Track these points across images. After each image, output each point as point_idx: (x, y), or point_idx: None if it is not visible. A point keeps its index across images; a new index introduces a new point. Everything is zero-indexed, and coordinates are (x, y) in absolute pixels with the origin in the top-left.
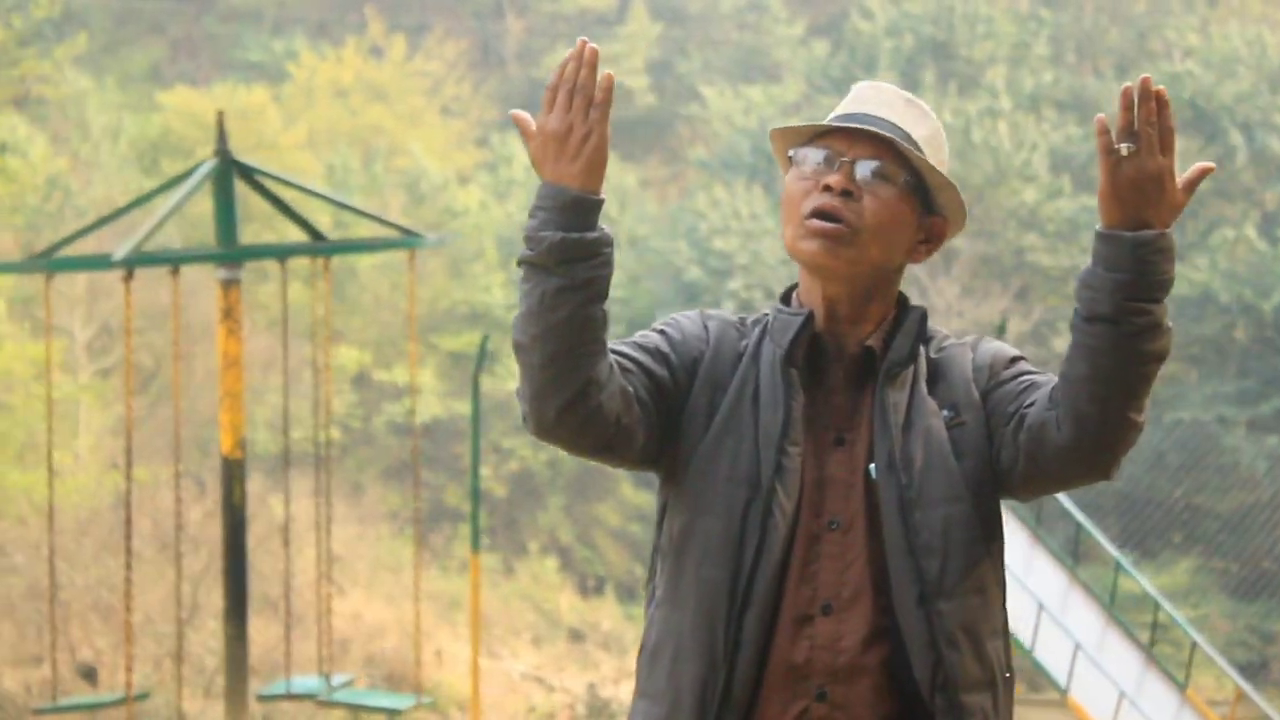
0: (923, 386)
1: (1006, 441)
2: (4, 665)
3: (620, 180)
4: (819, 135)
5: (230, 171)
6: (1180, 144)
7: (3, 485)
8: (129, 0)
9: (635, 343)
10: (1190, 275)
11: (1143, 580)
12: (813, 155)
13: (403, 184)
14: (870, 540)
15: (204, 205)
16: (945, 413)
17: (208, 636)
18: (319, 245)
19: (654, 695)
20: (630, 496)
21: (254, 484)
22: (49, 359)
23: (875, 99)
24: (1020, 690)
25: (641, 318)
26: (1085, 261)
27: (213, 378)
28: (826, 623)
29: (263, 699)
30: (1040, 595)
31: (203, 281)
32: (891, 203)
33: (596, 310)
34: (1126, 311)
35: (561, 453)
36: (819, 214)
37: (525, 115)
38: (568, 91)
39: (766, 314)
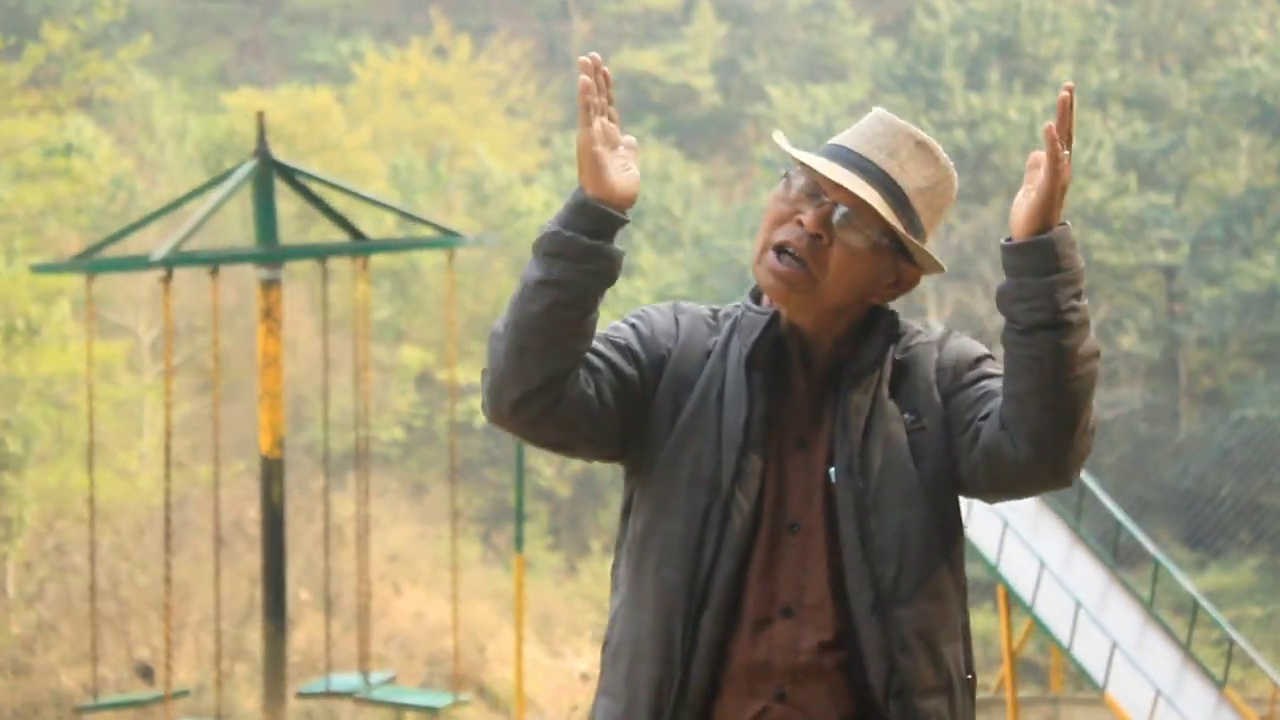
0: (885, 390)
1: (963, 453)
2: (63, 664)
3: (685, 179)
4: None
5: (270, 172)
6: (1248, 140)
7: (66, 485)
8: (195, 3)
9: (607, 337)
10: (1257, 272)
11: (1182, 579)
12: (802, 182)
13: (466, 184)
14: (831, 544)
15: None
16: (907, 417)
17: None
18: (358, 245)
19: (614, 693)
20: None
21: (318, 483)
22: (89, 359)
23: (883, 141)
24: (1063, 689)
25: None
26: (1151, 259)
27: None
28: (786, 625)
29: (301, 696)
30: (1079, 594)
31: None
32: (860, 254)
33: (572, 314)
34: (1065, 311)
35: None
36: (784, 249)
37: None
38: (587, 106)
39: (739, 307)
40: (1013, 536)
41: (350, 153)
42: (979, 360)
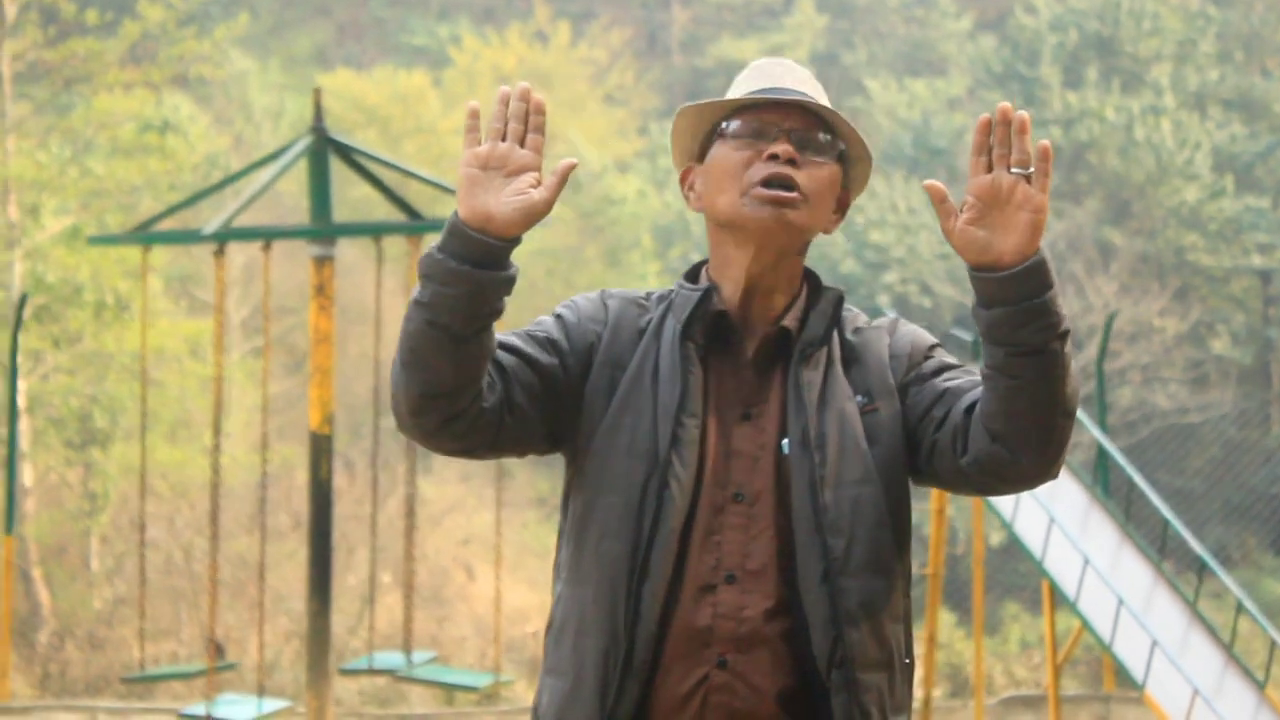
0: (839, 369)
1: (926, 446)
2: (138, 637)
3: None
4: (744, 109)
5: (325, 149)
6: None
7: (152, 461)
8: None
9: (527, 333)
10: None
11: (1226, 579)
12: (747, 126)
13: None
14: (778, 514)
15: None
16: (859, 398)
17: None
18: (412, 224)
19: (559, 671)
20: None
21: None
22: (144, 334)
23: (789, 75)
24: (1115, 687)
25: None
26: (1247, 263)
27: (366, 357)
28: (730, 591)
29: (345, 673)
30: (1123, 591)
31: (358, 261)
32: (827, 170)
33: (445, 335)
34: (1054, 333)
35: None
36: (771, 182)
37: None
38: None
39: (673, 290)
40: (1059, 533)
41: (444, 136)
42: (932, 350)
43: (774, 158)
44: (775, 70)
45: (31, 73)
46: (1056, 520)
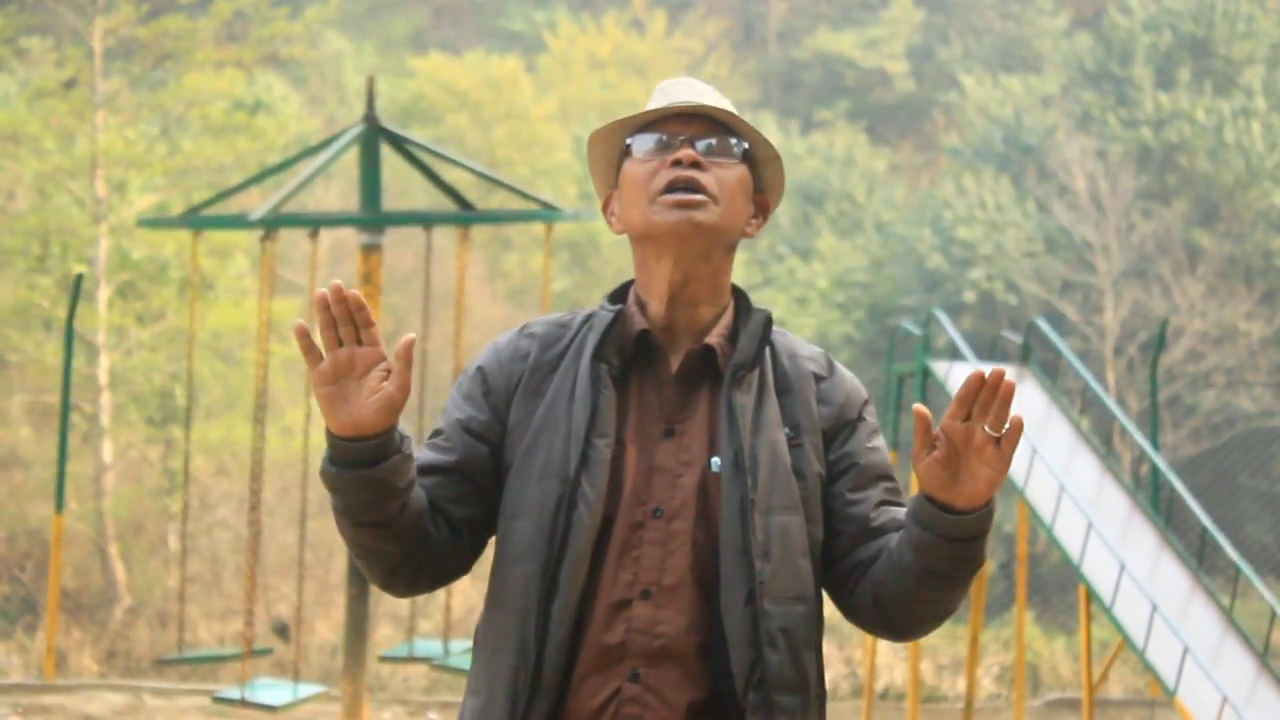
0: (772, 395)
1: (833, 581)
2: (205, 617)
3: (870, 164)
4: (649, 125)
5: (376, 137)
6: None
7: (229, 440)
8: None
9: (451, 433)
10: None
11: (1262, 587)
12: (650, 140)
13: None
14: (698, 531)
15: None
16: (787, 430)
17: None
18: (462, 214)
19: (476, 690)
20: None
21: None
22: (192, 316)
23: (689, 90)
24: (1160, 692)
25: (883, 304)
26: None
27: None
28: (645, 607)
29: (384, 659)
30: (1158, 598)
31: (446, 246)
32: (733, 172)
33: (371, 529)
34: (971, 569)
35: None
36: (676, 186)
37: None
38: (327, 326)
39: (598, 308)
40: (1096, 538)
41: (536, 122)
42: (863, 412)
43: (677, 164)
44: (676, 88)
45: (123, 49)
46: (1095, 525)
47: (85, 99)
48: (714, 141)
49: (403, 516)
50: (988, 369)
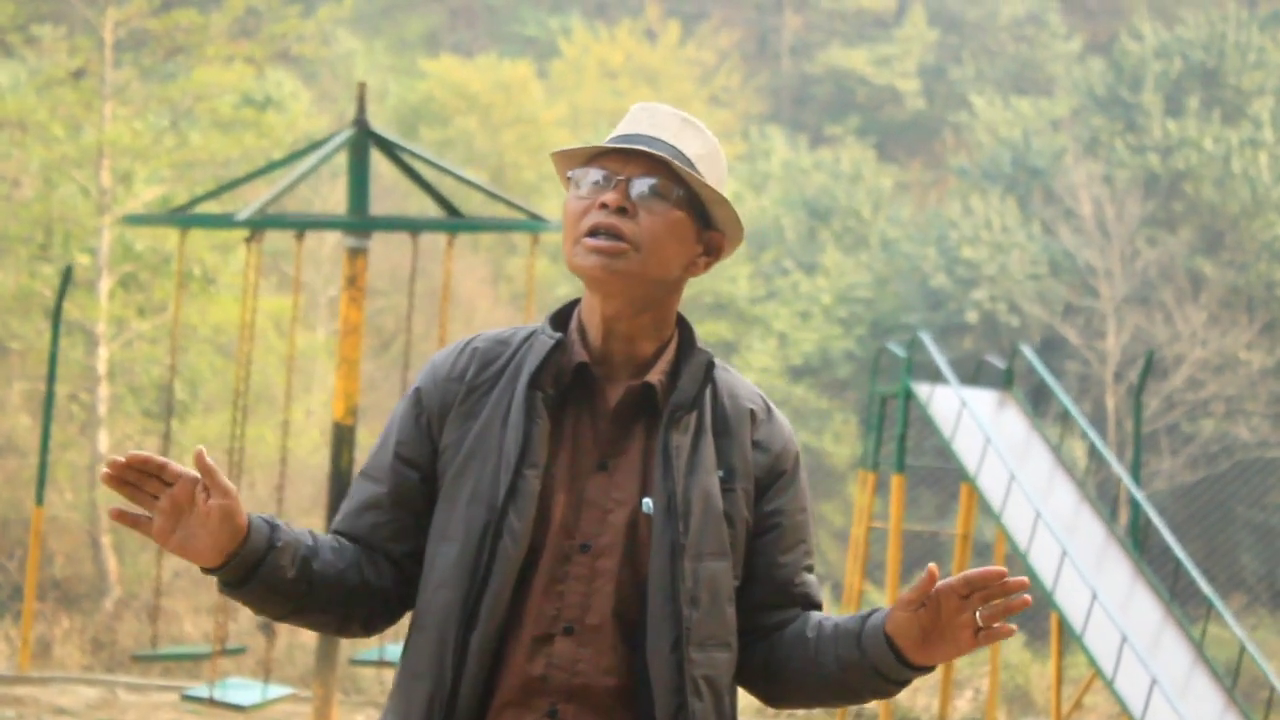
0: (709, 437)
1: (750, 608)
2: (192, 612)
3: (876, 181)
4: (596, 156)
5: (366, 142)
6: None
7: (226, 434)
8: None
9: (381, 468)
10: None
11: (1232, 621)
12: (590, 175)
13: None
14: (624, 570)
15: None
16: (720, 473)
17: None
18: (449, 221)
19: (394, 710)
20: (855, 496)
21: None
22: (176, 313)
23: (649, 121)
24: None
25: (885, 321)
26: None
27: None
28: (567, 643)
29: (355, 663)
30: (1129, 629)
31: (440, 246)
32: (666, 218)
33: (295, 615)
34: (885, 696)
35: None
36: (596, 231)
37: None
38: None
39: (539, 328)
40: (1070, 566)
41: (545, 127)
42: (796, 468)
43: (604, 207)
44: (640, 116)
45: (134, 40)
46: (1069, 553)
47: (94, 89)
48: (655, 182)
49: (313, 594)
50: (963, 393)
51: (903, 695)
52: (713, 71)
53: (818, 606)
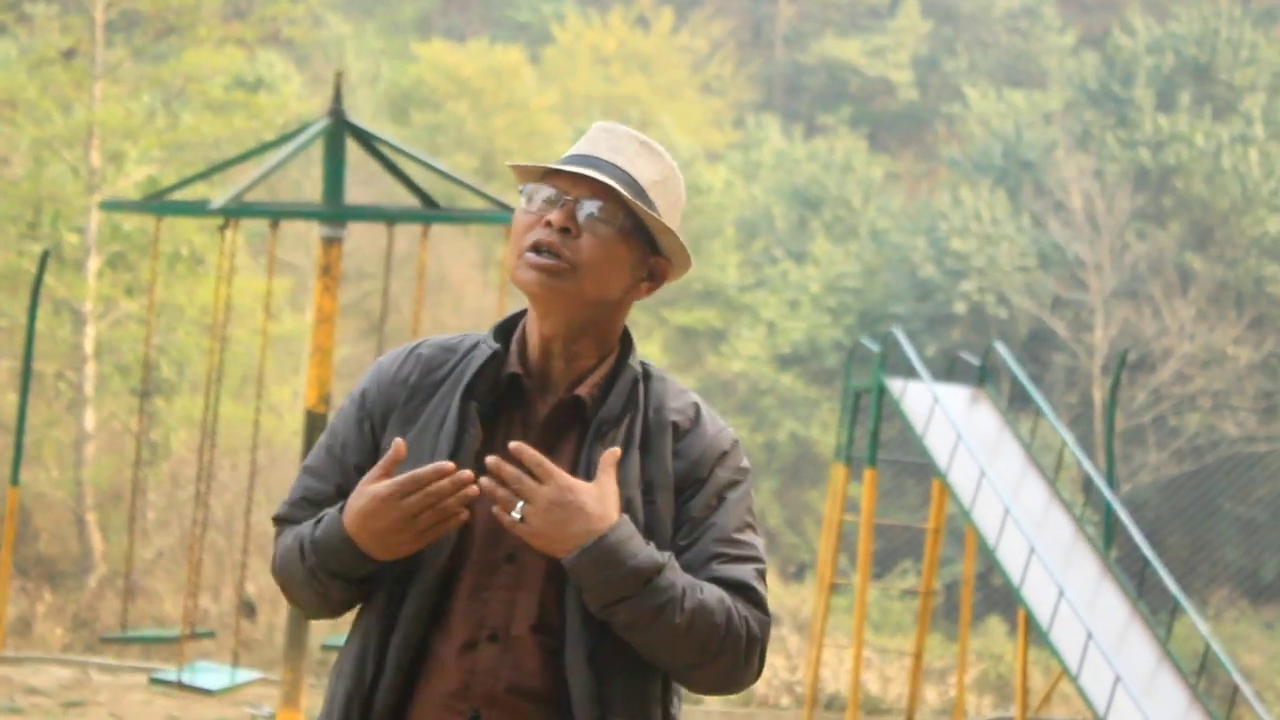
0: (635, 453)
1: None
2: (172, 591)
3: (867, 171)
4: (549, 174)
5: (342, 131)
6: None
7: (191, 417)
8: None
9: (328, 464)
10: None
11: (1197, 619)
12: (541, 192)
13: None
14: (549, 581)
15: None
16: (642, 487)
17: None
18: (422, 212)
19: (323, 706)
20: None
21: None
22: (152, 303)
23: (608, 142)
24: None
25: (874, 309)
26: None
27: (442, 328)
28: (491, 650)
29: (326, 649)
30: (1095, 626)
31: (439, 233)
32: (609, 242)
33: (330, 595)
34: (620, 613)
35: (778, 435)
36: (537, 248)
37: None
38: (426, 502)
39: (483, 339)
40: (1037, 563)
41: (535, 113)
42: (717, 464)
43: (549, 225)
44: (599, 137)
45: (126, 20)
46: (1037, 550)
47: (85, 69)
48: (601, 206)
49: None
50: (935, 389)
51: (874, 685)
52: (706, 59)
53: (739, 590)
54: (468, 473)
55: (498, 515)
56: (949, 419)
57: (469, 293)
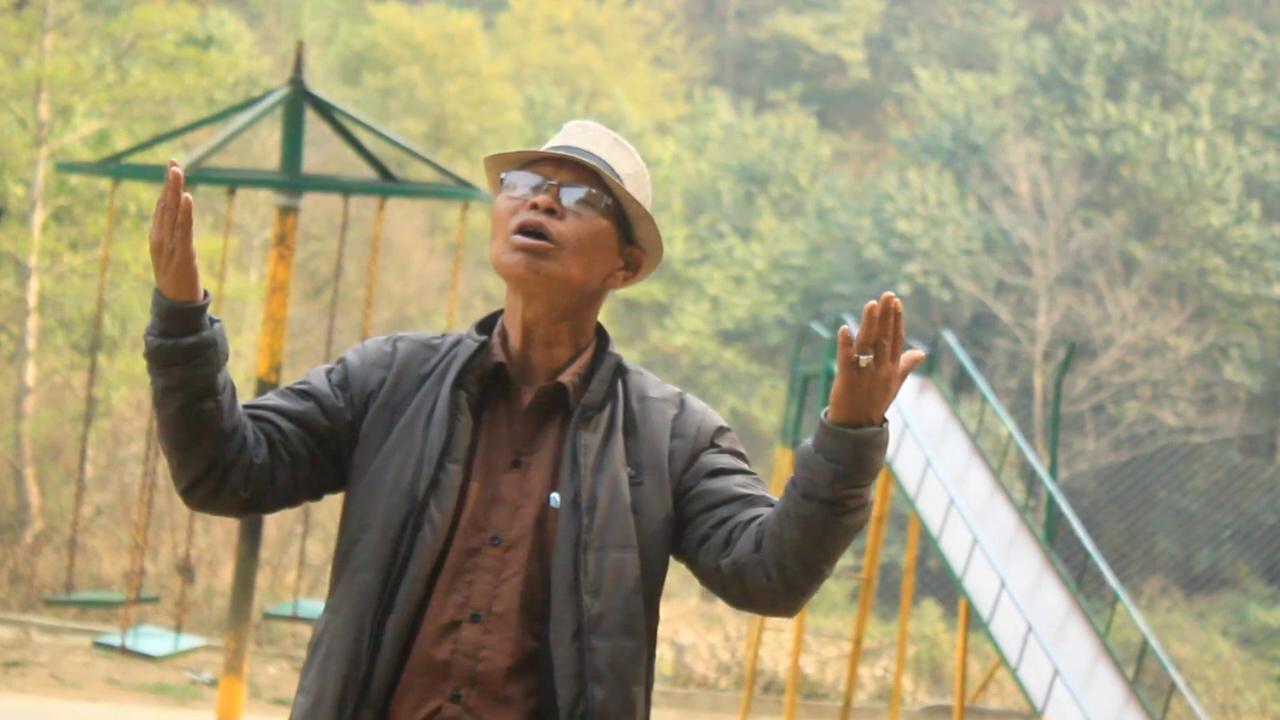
0: (619, 436)
1: (710, 547)
2: (110, 550)
3: (815, 149)
4: (530, 162)
5: (301, 101)
6: None
7: (134, 374)
8: None
9: (296, 390)
10: None
11: (1135, 613)
12: (523, 179)
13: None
14: (533, 562)
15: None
16: (629, 469)
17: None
18: (381, 184)
19: (306, 689)
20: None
21: None
22: (105, 264)
23: (583, 136)
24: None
25: (818, 288)
26: (1268, 291)
27: (387, 293)
28: (473, 630)
29: (269, 617)
30: (1035, 618)
31: (397, 204)
32: (592, 225)
33: (206, 404)
34: (842, 497)
35: (719, 412)
36: (524, 230)
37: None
38: (162, 210)
39: (465, 336)
40: (980, 554)
41: (488, 81)
42: (719, 435)
43: (534, 207)
44: (575, 131)
45: None
46: (980, 541)
47: (36, 20)
48: (585, 190)
49: (219, 406)
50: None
51: (811, 668)
52: (657, 32)
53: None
54: (179, 171)
55: (847, 347)
56: (896, 408)
57: (413, 259)
